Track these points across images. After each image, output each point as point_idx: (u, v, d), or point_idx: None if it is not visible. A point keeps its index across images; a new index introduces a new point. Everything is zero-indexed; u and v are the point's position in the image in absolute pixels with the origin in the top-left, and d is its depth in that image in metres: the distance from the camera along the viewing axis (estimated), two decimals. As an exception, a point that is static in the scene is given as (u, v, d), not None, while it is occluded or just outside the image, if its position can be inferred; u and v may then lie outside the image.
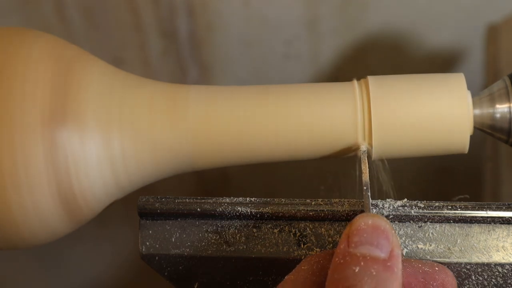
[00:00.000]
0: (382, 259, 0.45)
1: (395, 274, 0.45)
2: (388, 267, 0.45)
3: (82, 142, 0.52)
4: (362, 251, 0.45)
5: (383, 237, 0.46)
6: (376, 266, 0.45)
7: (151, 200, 0.53)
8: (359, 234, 0.46)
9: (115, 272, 1.14)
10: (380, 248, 0.46)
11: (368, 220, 0.46)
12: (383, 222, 0.47)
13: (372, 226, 0.46)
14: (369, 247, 0.45)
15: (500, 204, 0.51)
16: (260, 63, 0.94)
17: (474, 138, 0.55)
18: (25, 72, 0.51)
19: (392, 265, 0.45)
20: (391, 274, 0.45)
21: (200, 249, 0.53)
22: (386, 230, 0.46)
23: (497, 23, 0.89)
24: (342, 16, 0.90)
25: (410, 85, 0.54)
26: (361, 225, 0.46)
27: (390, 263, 0.45)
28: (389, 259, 0.45)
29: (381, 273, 0.44)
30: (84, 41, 0.90)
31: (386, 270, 0.45)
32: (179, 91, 0.55)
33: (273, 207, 0.52)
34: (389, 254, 0.45)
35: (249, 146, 0.54)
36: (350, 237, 0.46)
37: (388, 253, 0.45)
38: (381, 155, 0.54)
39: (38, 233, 0.53)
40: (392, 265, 0.45)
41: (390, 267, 0.45)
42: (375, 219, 0.47)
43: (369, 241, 0.46)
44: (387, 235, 0.46)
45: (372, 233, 0.46)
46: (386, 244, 0.46)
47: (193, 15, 0.89)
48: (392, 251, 0.46)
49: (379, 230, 0.46)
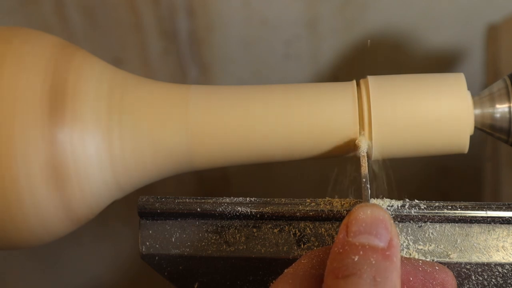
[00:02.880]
0: (381, 248, 0.45)
1: (394, 263, 0.45)
2: (387, 256, 0.45)
3: (82, 142, 0.52)
4: (361, 240, 0.45)
5: (382, 227, 0.46)
6: (375, 255, 0.45)
7: (151, 200, 0.53)
8: (357, 224, 0.46)
9: (115, 272, 1.14)
10: (379, 237, 0.46)
11: (367, 210, 0.46)
12: (381, 212, 0.47)
13: (370, 216, 0.46)
14: (368, 237, 0.45)
15: (500, 204, 0.51)
16: (260, 63, 0.94)
17: (474, 138, 0.55)
18: (24, 72, 0.51)
19: (391, 254, 0.45)
20: (391, 263, 0.45)
21: (200, 249, 0.53)
22: (385, 219, 0.46)
23: (497, 23, 0.89)
24: (342, 16, 0.90)
25: (410, 85, 0.54)
26: (360, 215, 0.46)
27: (389, 252, 0.45)
28: (388, 248, 0.45)
29: (380, 262, 0.44)
30: (84, 41, 0.90)
31: (385, 259, 0.45)
32: (179, 91, 0.55)
33: (273, 207, 0.52)
34: (388, 243, 0.46)
35: (249, 146, 0.54)
36: (349, 226, 0.46)
37: (387, 243, 0.46)
38: (381, 154, 0.54)
39: (38, 233, 0.53)
40: (391, 254, 0.45)
41: (389, 256, 0.45)
42: (374, 209, 0.47)
43: (368, 230, 0.46)
44: (386, 224, 0.46)
45: (371, 222, 0.46)
46: (385, 233, 0.46)
47: (193, 15, 0.89)
48: (391, 240, 0.46)
49: (378, 220, 0.46)
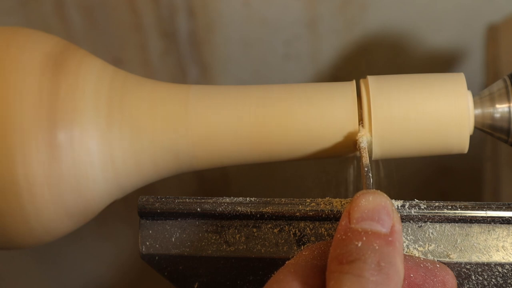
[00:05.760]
0: (383, 234, 0.45)
1: (397, 249, 0.45)
2: (390, 241, 0.45)
3: (82, 142, 0.52)
4: (364, 226, 0.45)
5: (384, 213, 0.46)
6: (378, 241, 0.45)
7: (151, 200, 0.53)
8: (360, 210, 0.46)
9: (115, 272, 1.14)
10: (382, 223, 0.46)
11: (369, 197, 0.46)
12: (384, 198, 0.47)
13: (373, 202, 0.46)
14: (371, 223, 0.45)
15: (500, 204, 0.51)
16: (260, 63, 0.94)
17: (474, 138, 0.55)
18: (24, 73, 0.51)
19: (394, 240, 0.45)
20: (394, 249, 0.45)
21: (200, 249, 0.53)
22: (387, 206, 0.46)
23: (497, 23, 0.89)
24: (342, 16, 0.90)
25: (410, 85, 0.54)
26: (362, 202, 0.46)
27: (391, 238, 0.45)
28: (390, 234, 0.45)
29: (384, 248, 0.44)
30: (84, 41, 0.90)
31: (389, 245, 0.45)
32: (179, 91, 0.55)
33: (273, 207, 0.52)
34: (390, 229, 0.46)
35: (249, 146, 0.54)
36: (351, 213, 0.46)
37: (390, 228, 0.46)
38: (381, 154, 0.54)
39: (38, 233, 0.53)
40: (394, 240, 0.45)
41: (392, 241, 0.45)
42: (375, 195, 0.47)
43: (370, 216, 0.46)
44: (388, 211, 0.46)
45: (373, 209, 0.46)
46: (387, 219, 0.46)
47: (193, 15, 0.89)
48: (393, 226, 0.46)
49: (380, 206, 0.46)
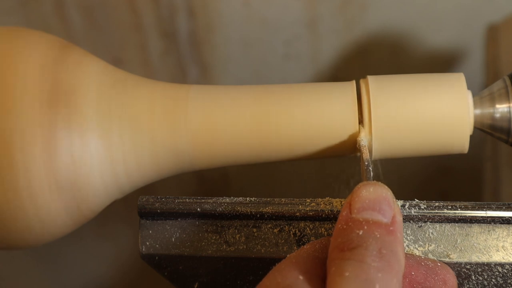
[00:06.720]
0: (384, 223, 0.45)
1: (398, 239, 0.45)
2: (391, 231, 0.45)
3: (82, 142, 0.52)
4: (365, 216, 0.45)
5: (385, 203, 0.46)
6: (380, 230, 0.45)
7: (151, 200, 0.53)
8: (361, 200, 0.46)
9: (115, 272, 1.14)
10: (383, 213, 0.46)
11: (370, 188, 0.46)
12: (384, 189, 0.47)
13: (373, 193, 0.46)
14: (372, 212, 0.45)
15: (500, 204, 0.51)
16: (260, 63, 0.94)
17: (474, 138, 0.55)
18: (24, 73, 0.51)
19: (395, 230, 0.45)
20: (395, 238, 0.45)
21: (200, 249, 0.52)
22: (388, 196, 0.46)
23: (497, 23, 0.89)
24: (342, 16, 0.90)
25: (410, 85, 0.54)
26: (363, 193, 0.46)
27: (392, 228, 0.45)
28: (391, 223, 0.45)
29: (385, 236, 0.44)
30: (84, 41, 0.90)
31: (390, 234, 0.45)
32: (179, 91, 0.55)
33: (273, 207, 0.52)
34: (391, 219, 0.46)
35: (249, 146, 0.54)
36: (352, 204, 0.46)
37: (391, 219, 0.46)
38: (381, 154, 0.54)
39: (38, 233, 0.53)
40: (395, 229, 0.45)
41: (393, 231, 0.45)
42: (376, 186, 0.47)
43: (371, 206, 0.46)
44: (389, 201, 0.46)
45: (374, 199, 0.46)
46: (388, 210, 0.46)
47: (193, 15, 0.89)
48: (394, 217, 0.46)
49: (381, 197, 0.46)
